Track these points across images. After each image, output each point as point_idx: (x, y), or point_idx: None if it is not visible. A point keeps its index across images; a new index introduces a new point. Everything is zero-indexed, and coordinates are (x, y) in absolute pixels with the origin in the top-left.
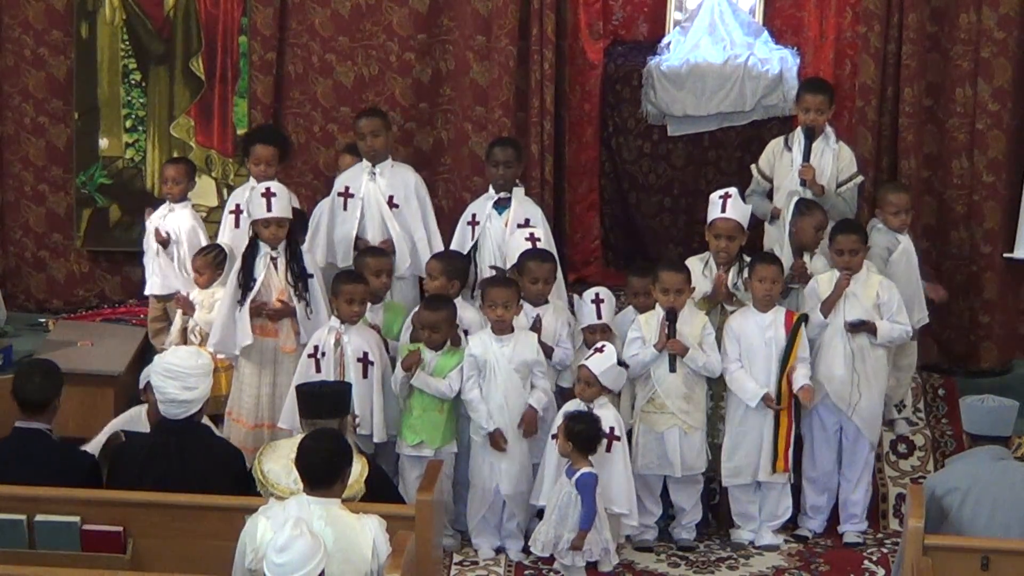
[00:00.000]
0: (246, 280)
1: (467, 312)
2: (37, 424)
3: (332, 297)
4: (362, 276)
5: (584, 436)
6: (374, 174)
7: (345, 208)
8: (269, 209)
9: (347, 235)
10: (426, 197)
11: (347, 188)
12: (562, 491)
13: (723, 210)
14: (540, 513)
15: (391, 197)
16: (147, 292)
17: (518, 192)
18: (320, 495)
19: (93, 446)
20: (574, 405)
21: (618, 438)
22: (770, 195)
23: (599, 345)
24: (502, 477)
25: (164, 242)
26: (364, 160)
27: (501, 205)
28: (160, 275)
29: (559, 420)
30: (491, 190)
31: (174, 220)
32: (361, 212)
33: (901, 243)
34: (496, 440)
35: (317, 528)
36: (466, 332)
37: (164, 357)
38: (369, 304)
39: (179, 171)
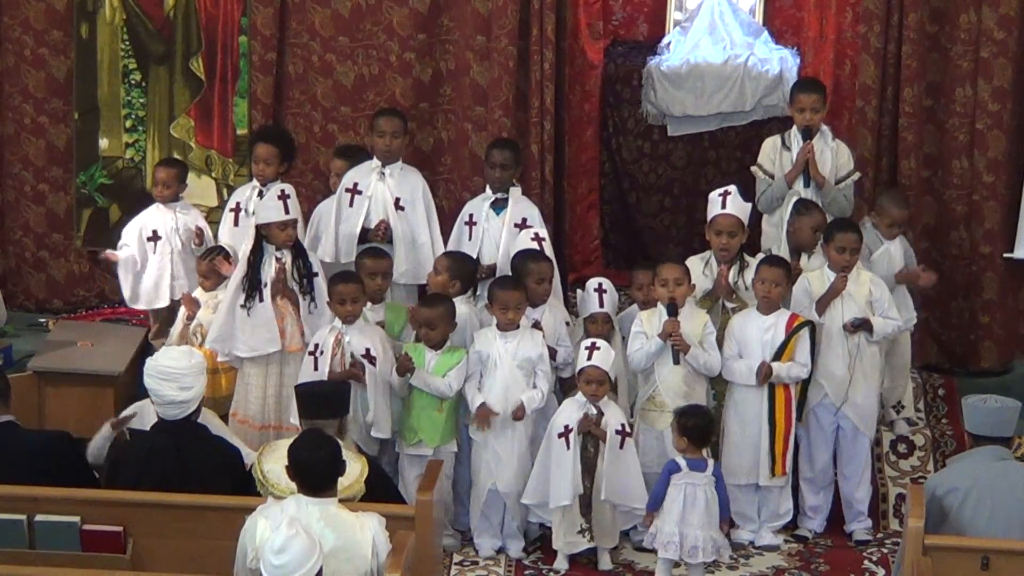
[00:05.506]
0: (253, 283)
1: (459, 307)
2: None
3: (328, 300)
4: (354, 275)
5: (699, 430)
6: (383, 174)
7: (351, 205)
8: (287, 211)
9: (351, 232)
10: (431, 202)
11: (355, 185)
12: (683, 487)
13: (723, 206)
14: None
15: (398, 199)
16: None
17: (515, 192)
18: (317, 496)
19: (101, 439)
20: (577, 403)
21: (629, 434)
22: None
23: (588, 343)
24: (499, 476)
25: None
26: (375, 159)
27: (499, 205)
28: (186, 277)
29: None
30: (488, 190)
31: (188, 222)
32: (367, 210)
33: (884, 245)
34: (483, 415)
35: (316, 528)
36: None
37: (156, 360)
38: (370, 304)
39: (171, 174)
